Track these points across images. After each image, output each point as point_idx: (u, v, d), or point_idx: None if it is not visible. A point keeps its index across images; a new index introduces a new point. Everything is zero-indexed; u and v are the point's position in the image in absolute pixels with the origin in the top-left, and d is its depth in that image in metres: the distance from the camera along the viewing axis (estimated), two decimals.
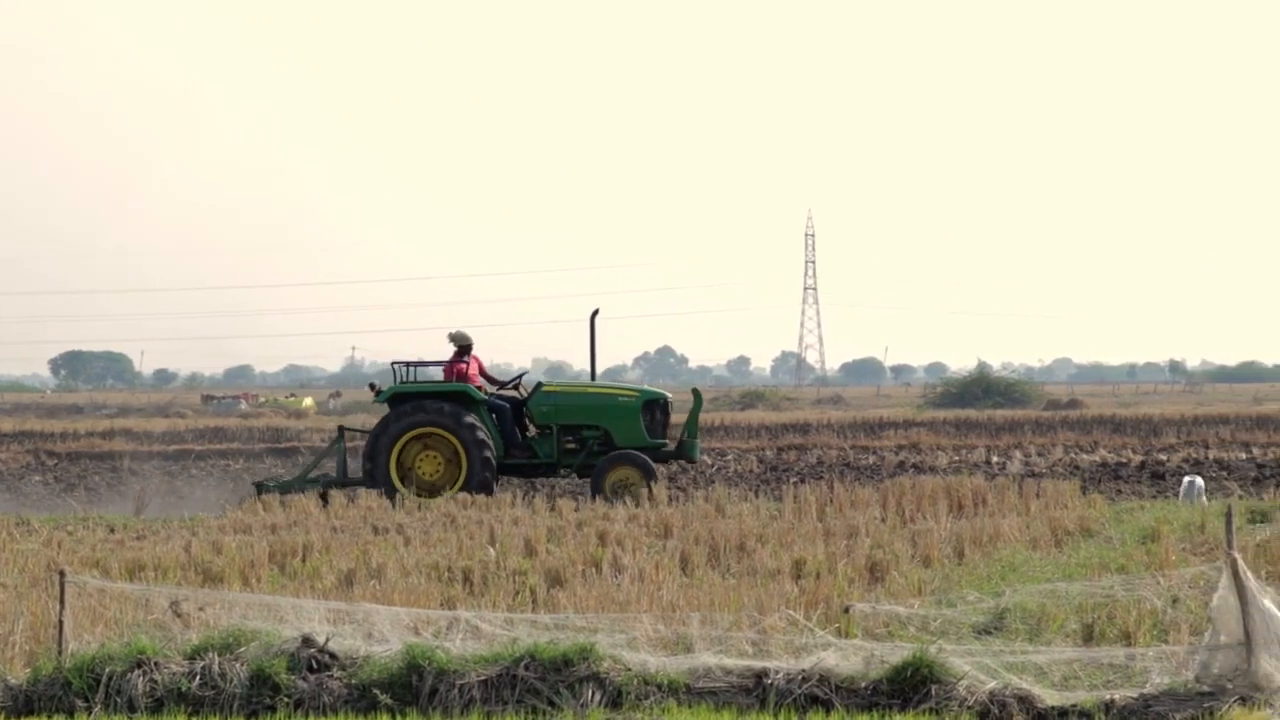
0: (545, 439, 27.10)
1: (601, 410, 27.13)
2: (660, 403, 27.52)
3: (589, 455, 26.85)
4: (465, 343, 27.34)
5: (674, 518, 20.69)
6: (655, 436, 27.04)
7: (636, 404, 27.14)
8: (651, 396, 27.64)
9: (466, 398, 26.70)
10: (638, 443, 26.72)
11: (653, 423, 27.14)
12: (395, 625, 11.88)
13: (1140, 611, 12.34)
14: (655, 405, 27.38)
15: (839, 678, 10.57)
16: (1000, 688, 10.24)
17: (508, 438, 26.90)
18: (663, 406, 27.51)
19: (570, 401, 27.43)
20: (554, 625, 11.79)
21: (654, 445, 26.90)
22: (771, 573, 15.52)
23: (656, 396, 27.73)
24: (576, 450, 27.06)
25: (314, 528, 21.02)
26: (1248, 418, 54.26)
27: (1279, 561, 15.15)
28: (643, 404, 27.18)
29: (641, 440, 26.77)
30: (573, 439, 27.16)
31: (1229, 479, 29.92)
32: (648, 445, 26.77)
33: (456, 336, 27.40)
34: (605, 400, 27.36)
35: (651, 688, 10.64)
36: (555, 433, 27.02)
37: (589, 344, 28.03)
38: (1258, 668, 9.67)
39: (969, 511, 21.75)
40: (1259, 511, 21.05)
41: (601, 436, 26.93)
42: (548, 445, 27.01)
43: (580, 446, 27.04)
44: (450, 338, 27.52)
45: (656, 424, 27.23)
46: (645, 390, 28.23)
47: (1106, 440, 45.00)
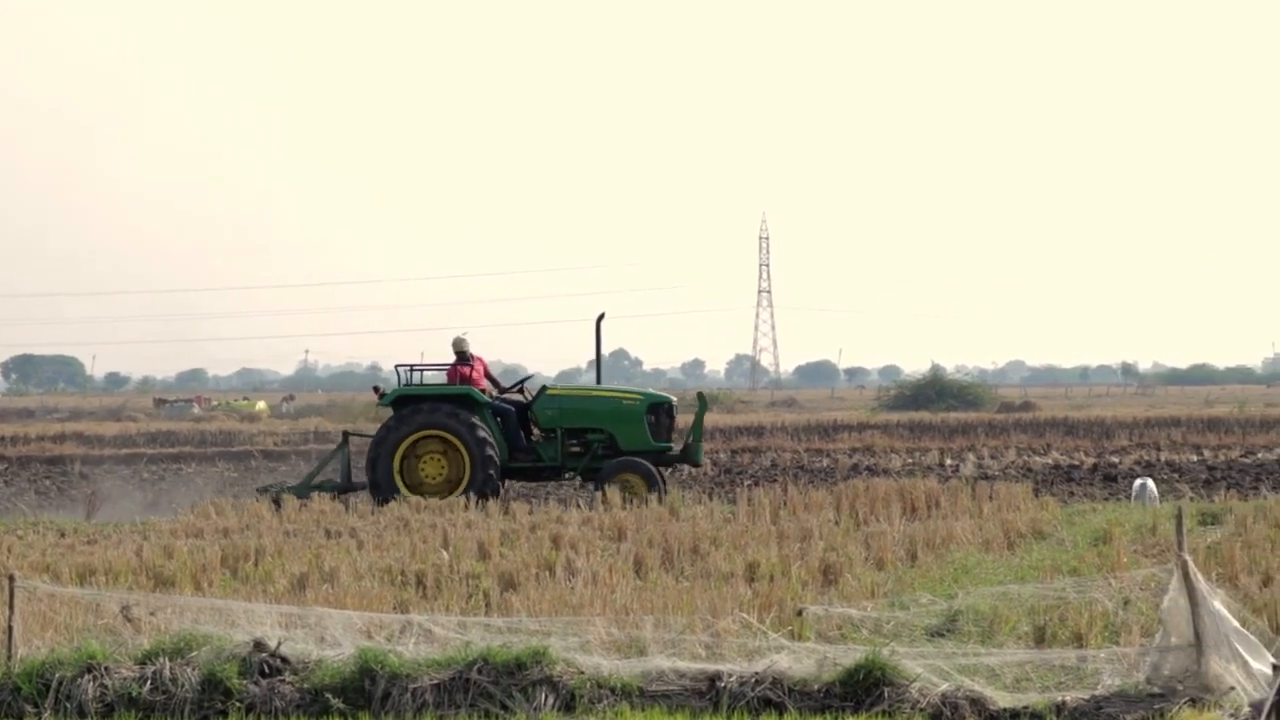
0: (550, 442, 26.97)
1: (606, 414, 27.03)
2: (665, 406, 27.50)
3: (593, 459, 26.71)
4: (461, 349, 27.34)
5: (628, 521, 20.66)
6: (660, 440, 27.00)
7: (641, 407, 27.09)
8: (656, 400, 27.66)
9: (470, 401, 26.63)
10: (642, 446, 26.65)
11: (657, 426, 27.09)
12: (348, 629, 11.84)
13: (1092, 613, 12.38)
14: (660, 408, 27.36)
15: (792, 680, 10.58)
16: (953, 690, 10.27)
17: (512, 441, 26.80)
18: (667, 410, 27.48)
19: (575, 405, 27.28)
20: (507, 629, 11.77)
21: (658, 448, 26.87)
22: (725, 575, 15.52)
23: (661, 400, 27.76)
24: (581, 454, 26.94)
25: (266, 532, 20.93)
26: (1199, 420, 54.58)
27: (1230, 563, 15.21)
28: (647, 407, 27.14)
29: (646, 444, 26.71)
30: (577, 442, 27.02)
31: (1180, 481, 30.06)
32: (652, 448, 26.73)
33: (456, 342, 27.42)
34: (610, 404, 27.26)
35: (605, 691, 10.63)
36: (560, 436, 26.89)
37: (595, 347, 27.99)
38: (1208, 669, 9.71)
39: (922, 514, 21.80)
40: (1210, 513, 21.15)
41: (606, 440, 26.81)
42: (552, 449, 26.88)
43: (585, 450, 26.91)
44: (453, 344, 27.53)
45: (661, 427, 27.19)
46: (650, 394, 28.24)
47: (1059, 443, 45.20)
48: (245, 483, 36.14)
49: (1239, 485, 28.62)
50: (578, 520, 21.12)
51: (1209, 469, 33.92)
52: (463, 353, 27.26)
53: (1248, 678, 9.47)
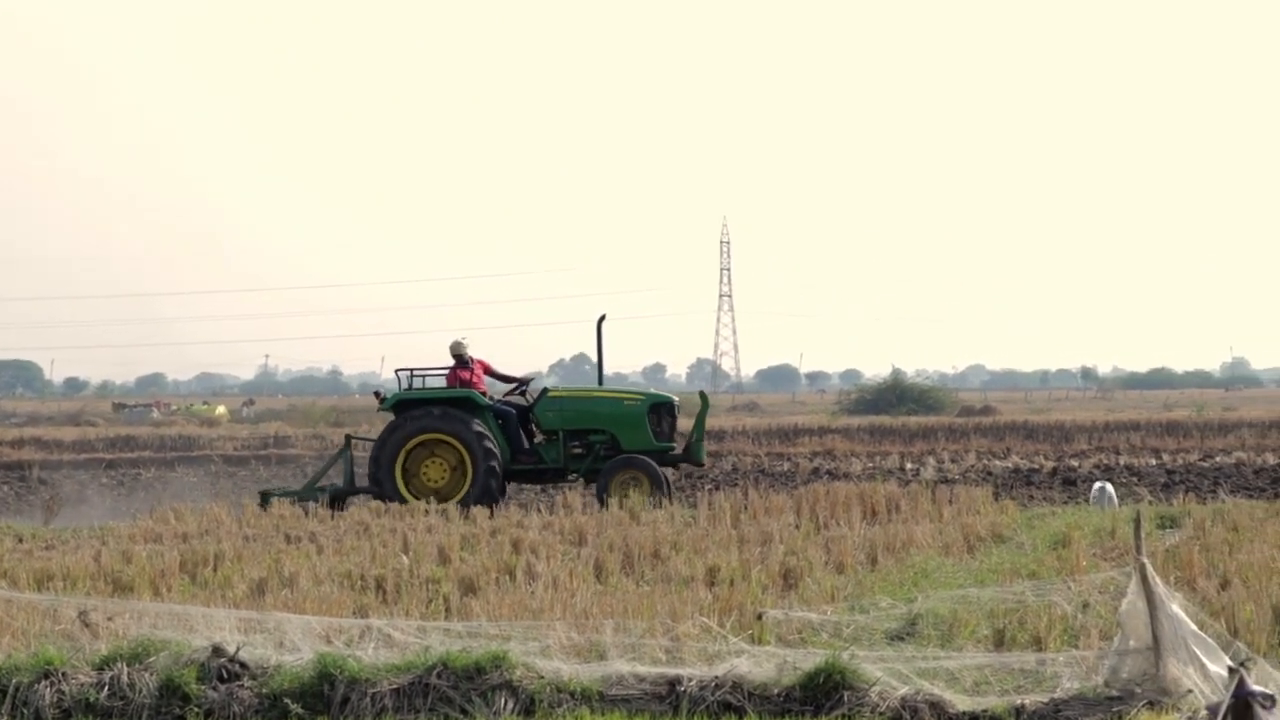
0: (551, 444, 27.04)
1: (608, 415, 27.08)
2: (667, 406, 27.59)
3: (595, 460, 26.78)
4: (459, 352, 27.31)
5: (588, 525, 20.65)
6: (662, 440, 27.08)
7: (643, 408, 27.16)
8: (658, 400, 27.76)
9: (471, 403, 26.64)
10: (644, 447, 26.72)
11: (659, 427, 27.18)
12: (307, 634, 11.79)
13: (1051, 617, 12.42)
14: (662, 409, 27.45)
15: (752, 684, 10.57)
16: (912, 693, 10.28)
17: (514, 443, 26.83)
18: (669, 410, 27.56)
19: (576, 406, 27.31)
20: (467, 633, 11.74)
21: (660, 449, 26.93)
22: (685, 580, 15.51)
23: (663, 400, 27.84)
24: (583, 455, 26.99)
25: (226, 536, 20.86)
26: (1158, 424, 54.80)
27: (1188, 567, 15.27)
28: (649, 408, 27.23)
29: (648, 444, 26.78)
30: (579, 444, 27.09)
31: (1139, 485, 30.16)
32: (654, 449, 26.79)
33: (454, 346, 27.41)
34: (611, 405, 27.29)
35: (564, 695, 10.61)
36: (561, 438, 26.97)
37: (596, 349, 27.98)
38: (1165, 672, 9.74)
39: (883, 518, 21.84)
40: (1168, 517, 21.24)
41: (608, 441, 26.90)
42: (554, 450, 26.95)
43: (587, 451, 26.98)
44: (450, 348, 27.49)
45: (663, 428, 27.27)
46: (652, 394, 28.41)
47: (1019, 446, 45.31)
48: (205, 487, 36.03)
49: (1197, 489, 28.74)
50: (538, 524, 21.10)
51: (1168, 473, 34.04)
52: (461, 356, 27.28)
53: (1205, 680, 9.50)
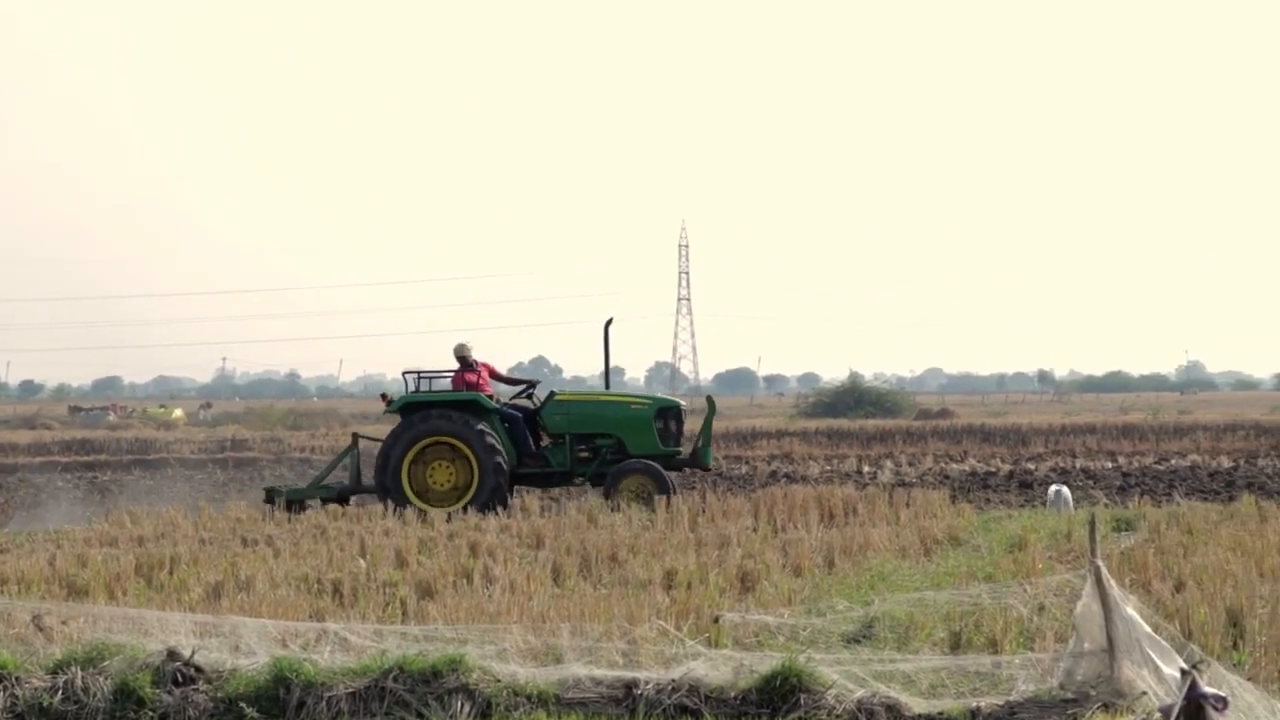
0: (558, 448, 27.00)
1: (614, 419, 27.06)
2: (673, 410, 27.60)
3: (602, 464, 26.77)
4: (465, 355, 27.26)
5: (546, 528, 20.65)
6: (668, 444, 27.05)
7: (649, 412, 27.16)
8: (665, 404, 27.77)
9: (478, 407, 26.58)
10: (651, 451, 26.70)
11: (666, 431, 27.15)
12: (263, 638, 11.75)
13: (1007, 619, 12.45)
14: (668, 413, 27.43)
15: (709, 688, 10.57)
16: (868, 696, 10.29)
17: (520, 447, 26.80)
18: (676, 414, 27.54)
19: (583, 410, 27.29)
20: (424, 637, 11.71)
21: (667, 453, 26.90)
22: (643, 583, 15.51)
23: (670, 404, 27.87)
24: (590, 459, 26.98)
25: (182, 540, 20.79)
26: (1114, 427, 55.01)
27: (1143, 569, 15.34)
28: (656, 412, 27.23)
29: (654, 448, 26.77)
30: (586, 448, 27.08)
31: (1095, 488, 30.28)
32: (661, 453, 26.76)
33: (458, 349, 27.36)
34: (618, 409, 27.27)
35: (521, 699, 10.60)
36: (568, 442, 26.93)
37: (603, 353, 27.96)
38: (1120, 674, 9.77)
39: (840, 521, 21.88)
40: (1124, 520, 21.34)
41: (615, 445, 26.89)
42: (561, 454, 26.91)
43: (593, 455, 26.96)
44: (454, 351, 27.43)
45: (670, 432, 27.24)
46: (658, 398, 28.40)
47: (976, 450, 45.44)
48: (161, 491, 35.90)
49: (1153, 492, 28.87)
50: (496, 528, 21.09)
51: (1123, 476, 34.17)
52: (465, 359, 27.25)
53: (1159, 682, 9.53)
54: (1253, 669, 10.97)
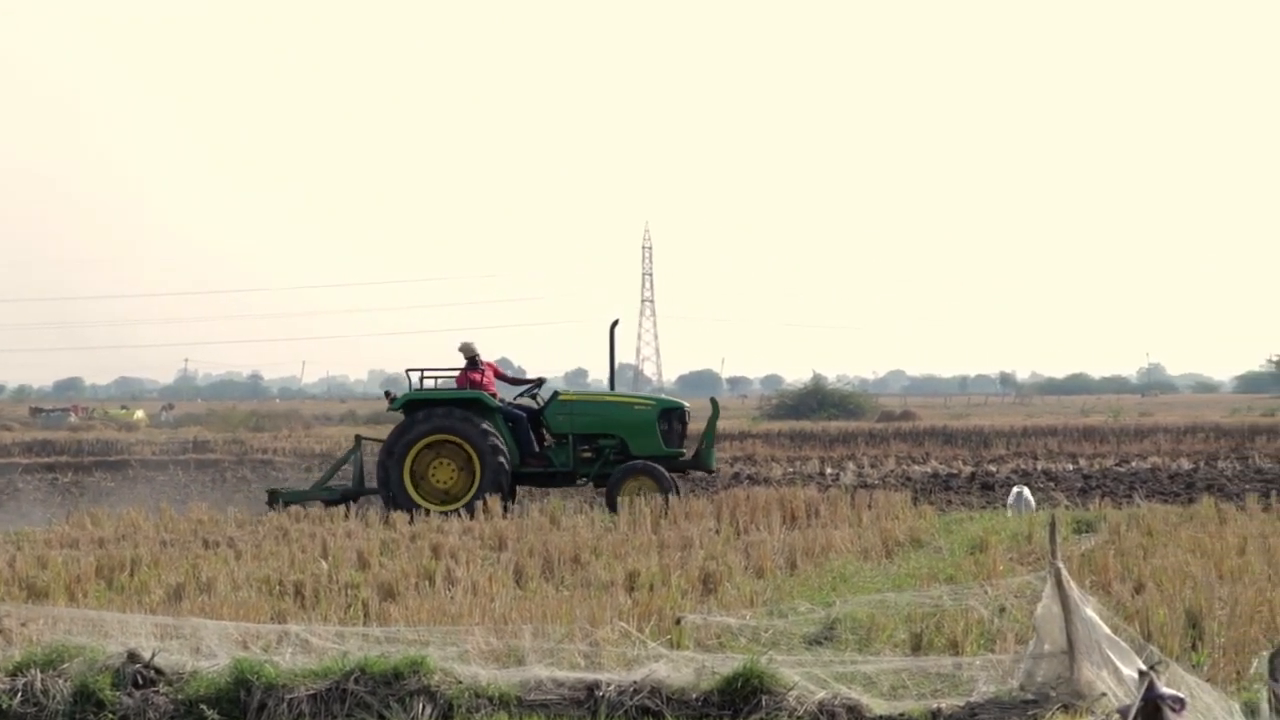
0: (561, 448, 26.94)
1: (618, 420, 27.00)
2: (677, 412, 27.51)
3: (605, 464, 26.73)
4: (471, 354, 27.22)
5: (508, 530, 20.63)
6: (671, 446, 27.00)
7: (653, 413, 27.10)
8: (668, 405, 27.68)
9: (481, 405, 26.51)
10: (654, 452, 26.65)
11: (669, 432, 27.09)
12: (224, 640, 11.72)
13: (968, 621, 12.49)
14: (672, 414, 27.35)
15: (670, 689, 10.58)
16: (830, 697, 10.31)
17: (523, 446, 26.74)
18: (679, 416, 27.48)
19: (586, 410, 27.22)
20: (385, 638, 11.69)
21: (670, 454, 26.85)
22: (605, 584, 15.51)
23: (673, 406, 27.77)
24: (593, 459, 26.94)
25: (143, 541, 20.72)
26: (1075, 429, 55.25)
27: (1103, 571, 15.40)
28: (659, 413, 27.16)
29: (657, 450, 26.71)
30: (589, 448, 27.03)
31: (1056, 490, 30.37)
32: (664, 454, 26.72)
33: (464, 348, 27.29)
34: (621, 410, 27.20)
35: (483, 700, 10.59)
36: (571, 442, 26.88)
37: (609, 354, 27.90)
38: (1080, 675, 9.81)
39: (802, 523, 21.92)
40: (1084, 521, 21.41)
41: (617, 446, 26.84)
42: (564, 454, 26.86)
43: (596, 456, 26.92)
44: (460, 349, 27.38)
45: (673, 433, 27.17)
46: (662, 399, 28.32)
47: (938, 452, 45.56)
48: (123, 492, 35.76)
49: (1113, 494, 28.96)
50: (458, 529, 21.06)
51: (1084, 478, 34.29)
52: (473, 357, 27.21)
53: (1119, 684, 9.57)
54: (1211, 670, 11.02)
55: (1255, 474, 34.38)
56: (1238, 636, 11.87)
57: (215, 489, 36.98)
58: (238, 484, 38.98)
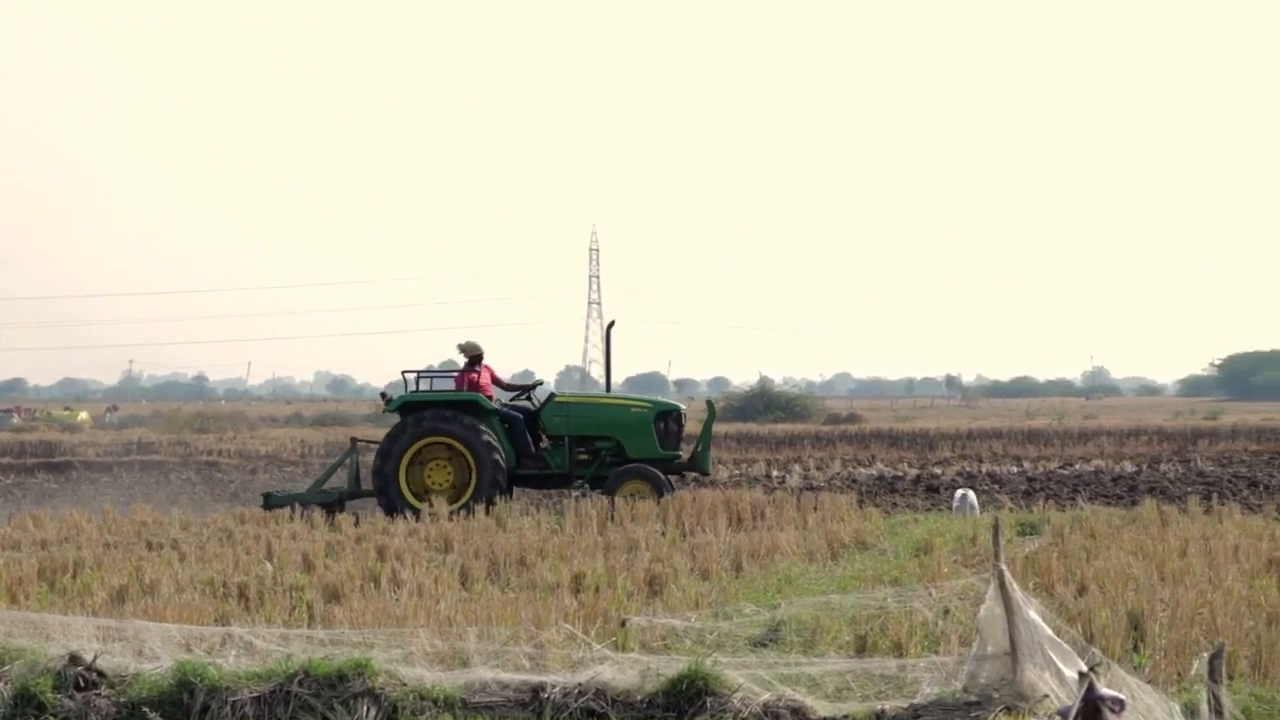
0: (558, 450, 26.91)
1: (614, 422, 27.00)
2: (673, 414, 27.50)
3: (601, 466, 26.73)
4: (476, 353, 27.15)
5: (454, 532, 20.60)
6: (668, 448, 27.04)
7: (649, 416, 27.10)
8: (665, 408, 27.64)
9: (477, 407, 26.44)
10: (650, 454, 26.70)
11: (665, 434, 27.11)
12: (167, 642, 11.67)
13: (912, 623, 12.52)
14: (668, 417, 27.36)
15: (615, 691, 10.57)
16: (774, 699, 10.32)
17: (519, 448, 26.70)
18: (676, 418, 27.47)
19: (583, 412, 27.19)
20: (330, 640, 11.65)
21: (666, 457, 26.88)
22: (551, 586, 15.51)
23: (670, 408, 27.73)
24: (589, 461, 26.92)
25: (86, 543, 20.61)
26: (1019, 432, 55.50)
27: (1046, 573, 15.47)
28: (655, 415, 27.16)
29: (653, 452, 26.76)
30: (585, 450, 27.02)
31: (1000, 492, 30.48)
32: (660, 457, 26.76)
33: (467, 347, 27.25)
34: (618, 412, 27.18)
35: (427, 703, 10.56)
36: (567, 443, 26.86)
37: (605, 356, 27.82)
38: (1022, 677, 9.84)
39: (748, 525, 21.95)
40: (1028, 524, 21.50)
41: (614, 448, 26.85)
42: (560, 456, 26.83)
43: (593, 457, 26.91)
44: (460, 348, 27.32)
45: (669, 435, 27.20)
46: (658, 402, 28.23)
47: (884, 454, 45.72)
48: (65, 494, 35.57)
49: (1057, 496, 29.10)
50: (404, 531, 21.02)
51: (1028, 480, 34.45)
52: (477, 356, 27.13)
53: (1061, 685, 9.61)
54: (1153, 671, 11.10)
55: (1197, 476, 34.59)
56: (1179, 638, 11.95)
57: (159, 490, 36.82)
58: (182, 486, 38.82)
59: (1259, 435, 51.43)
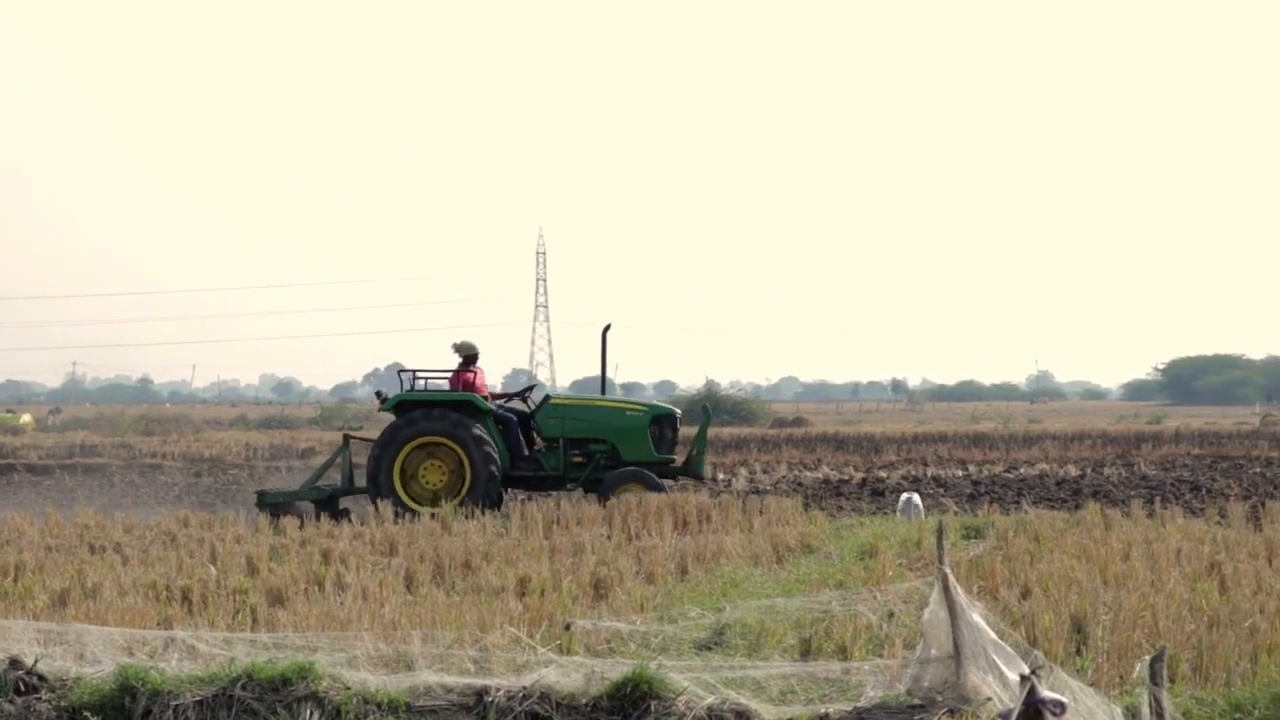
0: (552, 452, 26.88)
1: (609, 425, 26.97)
2: (669, 418, 27.46)
3: (596, 469, 26.69)
4: (471, 353, 27.05)
5: (399, 535, 20.54)
6: (663, 451, 27.02)
7: (644, 419, 27.06)
8: (660, 412, 27.60)
9: (473, 407, 26.36)
10: (644, 458, 26.67)
11: (660, 438, 27.10)
12: (109, 646, 11.60)
13: (856, 626, 12.55)
14: (663, 420, 27.33)
15: (560, 695, 10.56)
16: (718, 703, 10.32)
17: (514, 450, 26.67)
18: (671, 422, 27.43)
19: (578, 415, 27.15)
20: (273, 644, 11.61)
21: (661, 460, 26.84)
22: (496, 590, 15.49)
23: (665, 412, 27.68)
24: (583, 464, 26.88)
25: (28, 547, 20.47)
26: (965, 436, 55.71)
27: (990, 576, 15.52)
28: (651, 419, 27.13)
29: (648, 455, 26.74)
30: (579, 452, 26.98)
31: (945, 496, 30.57)
32: (654, 460, 26.73)
33: (462, 347, 27.16)
34: (613, 415, 27.15)
35: (371, 706, 10.53)
36: (562, 446, 26.83)
37: (600, 359, 27.76)
38: (966, 680, 9.88)
39: (694, 528, 21.94)
40: (973, 527, 21.56)
41: (608, 451, 26.82)
42: (554, 458, 26.80)
43: (587, 460, 26.87)
44: (455, 348, 27.23)
45: (664, 439, 27.18)
46: (654, 405, 28.17)
47: (830, 457, 45.83)
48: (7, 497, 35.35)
49: (1001, 500, 29.21)
50: (349, 535, 20.95)
51: (973, 484, 34.57)
52: (472, 356, 27.04)
53: (1004, 688, 9.65)
54: (1095, 674, 11.15)
55: (1140, 480, 34.80)
56: (1121, 641, 12.01)
57: (103, 494, 36.64)
58: (126, 489, 38.62)
59: (1201, 439, 51.77)
